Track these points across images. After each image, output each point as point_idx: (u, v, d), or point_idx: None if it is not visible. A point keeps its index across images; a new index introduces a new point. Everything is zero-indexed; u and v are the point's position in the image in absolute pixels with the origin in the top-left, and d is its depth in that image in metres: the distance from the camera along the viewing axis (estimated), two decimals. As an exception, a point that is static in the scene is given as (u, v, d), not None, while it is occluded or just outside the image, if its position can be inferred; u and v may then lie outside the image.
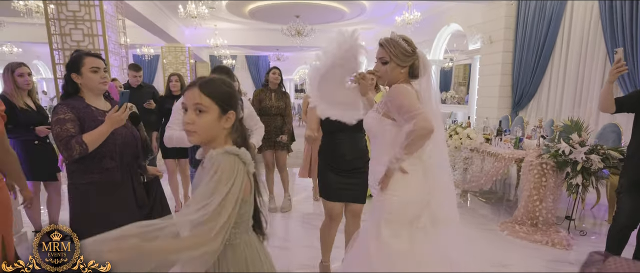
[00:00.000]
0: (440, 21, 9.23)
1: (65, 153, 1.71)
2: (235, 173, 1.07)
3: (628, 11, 4.90)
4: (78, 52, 1.89)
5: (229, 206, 1.03)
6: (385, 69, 1.69)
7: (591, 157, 3.14)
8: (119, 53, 6.26)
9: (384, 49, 1.69)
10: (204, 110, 1.12)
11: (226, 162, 1.08)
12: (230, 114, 1.17)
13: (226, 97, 1.16)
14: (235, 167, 1.08)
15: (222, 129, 1.17)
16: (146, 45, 12.80)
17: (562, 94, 6.22)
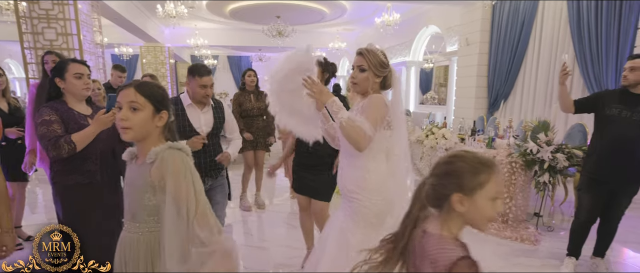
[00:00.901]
0: (419, 23, 9.39)
1: (54, 152, 1.77)
2: (186, 166, 1.15)
3: (593, 12, 5.11)
4: (64, 59, 2.00)
5: (201, 196, 1.14)
6: (363, 77, 1.76)
7: (557, 156, 3.27)
8: (95, 53, 6.14)
9: (364, 58, 1.75)
10: (138, 108, 1.18)
11: (174, 159, 1.15)
12: (163, 114, 1.24)
13: (160, 98, 1.23)
14: (185, 160, 1.17)
15: (155, 127, 1.23)
16: (124, 44, 12.57)
17: (534, 94, 6.42)
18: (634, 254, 3.23)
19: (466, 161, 1.00)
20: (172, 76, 12.48)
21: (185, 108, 2.35)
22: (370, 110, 1.69)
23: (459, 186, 0.99)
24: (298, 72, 1.79)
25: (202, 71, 2.30)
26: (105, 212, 1.88)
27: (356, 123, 1.61)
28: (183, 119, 2.32)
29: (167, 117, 1.26)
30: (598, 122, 2.64)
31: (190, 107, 2.36)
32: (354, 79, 1.79)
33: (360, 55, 1.77)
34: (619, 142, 2.48)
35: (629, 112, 2.47)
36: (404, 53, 10.42)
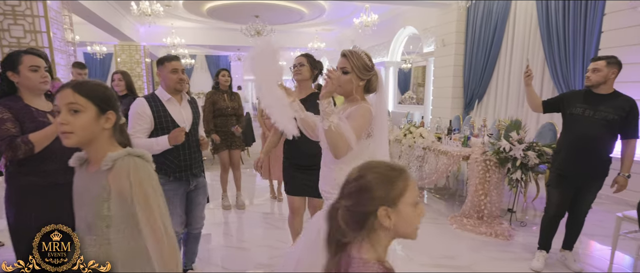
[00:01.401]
0: (396, 24, 9.53)
1: (10, 153, 1.66)
2: (151, 176, 1.09)
3: (561, 13, 5.31)
4: (16, 50, 1.84)
5: (164, 210, 1.10)
6: (345, 79, 1.73)
7: (528, 154, 3.39)
8: (66, 51, 5.93)
9: (347, 60, 1.73)
10: (79, 110, 1.08)
11: (137, 168, 1.08)
12: (110, 114, 1.14)
13: (103, 97, 1.13)
14: (149, 169, 1.10)
15: (102, 129, 1.13)
16: (98, 43, 12.20)
17: (507, 93, 6.62)
18: (600, 247, 3.38)
19: (378, 171, 0.93)
20: (148, 76, 12.18)
21: (165, 104, 2.23)
22: (356, 120, 1.68)
23: (381, 199, 0.90)
24: (265, 64, 1.77)
25: (169, 57, 2.25)
26: (68, 214, 1.78)
27: (343, 131, 1.60)
28: (165, 115, 2.21)
29: (114, 117, 1.15)
30: (564, 121, 2.75)
31: (169, 102, 2.24)
32: (337, 80, 1.74)
33: (343, 57, 1.74)
34: (582, 140, 2.59)
35: (591, 111, 2.58)
36: (382, 53, 10.54)
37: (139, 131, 2.17)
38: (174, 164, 2.23)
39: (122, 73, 3.41)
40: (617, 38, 4.58)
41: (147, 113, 2.16)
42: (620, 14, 4.51)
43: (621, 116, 2.53)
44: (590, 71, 2.57)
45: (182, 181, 2.30)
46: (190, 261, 2.64)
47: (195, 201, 2.43)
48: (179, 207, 2.31)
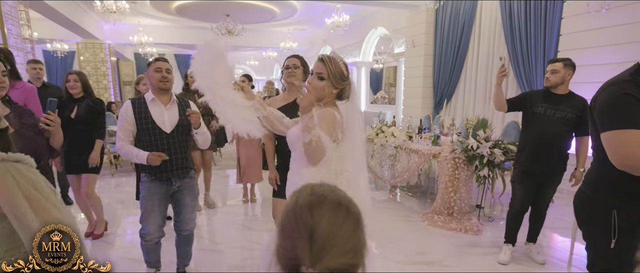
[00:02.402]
0: (368, 24, 9.64)
1: None
2: (24, 183, 0.96)
3: (523, 13, 5.55)
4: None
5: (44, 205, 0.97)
6: (321, 85, 1.68)
7: (494, 151, 3.52)
8: (23, 48, 5.62)
9: (325, 66, 1.68)
10: None
11: (23, 175, 0.96)
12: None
13: None
14: (27, 173, 0.98)
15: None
16: (59, 40, 11.61)
17: (474, 93, 6.85)
18: (562, 238, 3.55)
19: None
20: (114, 75, 11.71)
21: (148, 104, 2.26)
22: (321, 126, 1.62)
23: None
24: (211, 68, 1.69)
25: (155, 58, 2.33)
26: None
27: (323, 143, 1.57)
28: (145, 115, 2.24)
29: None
30: (526, 119, 2.87)
31: (153, 102, 2.27)
32: (310, 85, 1.69)
33: (321, 62, 1.69)
34: (545, 138, 2.72)
35: (552, 110, 2.72)
36: (354, 54, 10.64)
37: (123, 133, 2.25)
38: (156, 166, 2.23)
39: (79, 73, 3.21)
40: (574, 41, 4.83)
41: (129, 115, 2.23)
42: (577, 18, 4.77)
43: (577, 115, 2.69)
44: (549, 73, 2.71)
45: (163, 181, 2.30)
46: (183, 264, 2.62)
47: (182, 202, 2.40)
48: (157, 207, 2.30)
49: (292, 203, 0.72)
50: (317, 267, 0.64)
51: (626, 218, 1.47)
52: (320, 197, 0.70)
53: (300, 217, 0.68)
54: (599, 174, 1.57)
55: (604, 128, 1.43)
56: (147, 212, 2.29)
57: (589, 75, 4.61)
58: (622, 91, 1.40)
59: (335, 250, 0.65)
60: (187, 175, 2.38)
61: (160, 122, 2.26)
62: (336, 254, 0.65)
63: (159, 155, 2.16)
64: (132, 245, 3.33)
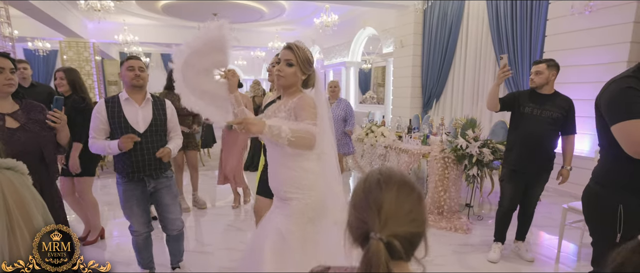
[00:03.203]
0: (356, 25, 9.66)
1: None
2: (24, 192, 0.93)
3: (510, 14, 5.62)
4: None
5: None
6: (290, 71, 1.74)
7: (483, 151, 3.55)
8: (3, 47, 5.46)
9: (293, 53, 1.74)
10: None
11: (7, 184, 0.91)
12: None
13: None
14: (22, 183, 0.94)
15: None
16: (41, 38, 11.31)
17: (462, 93, 6.92)
18: (549, 236, 3.61)
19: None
20: (99, 74, 11.48)
21: (122, 103, 2.25)
22: (305, 111, 1.70)
23: None
24: (208, 50, 1.70)
25: (128, 57, 2.30)
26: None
27: (301, 131, 1.60)
28: (118, 115, 2.22)
29: None
30: (514, 119, 2.90)
31: (126, 101, 2.26)
32: (280, 72, 1.76)
33: (289, 49, 1.75)
34: (532, 138, 2.76)
35: (539, 110, 2.76)
36: (343, 54, 10.65)
37: (95, 131, 2.22)
38: (126, 164, 2.23)
39: (65, 71, 3.06)
40: (559, 42, 4.92)
41: (102, 114, 2.21)
42: (562, 19, 4.85)
43: (562, 115, 2.75)
44: (533, 74, 2.75)
45: (138, 182, 2.28)
46: (176, 260, 2.64)
47: (162, 202, 2.39)
48: (136, 207, 2.31)
49: (362, 184, 0.82)
50: (384, 232, 0.73)
51: (632, 213, 1.53)
52: (387, 176, 0.80)
53: (371, 193, 0.78)
54: (605, 170, 1.65)
55: (613, 121, 1.52)
56: (128, 214, 2.32)
57: (574, 76, 4.71)
58: (625, 85, 1.51)
59: (402, 219, 0.75)
60: (161, 175, 2.35)
61: (133, 121, 2.24)
62: (402, 222, 0.75)
63: (129, 138, 2.14)
64: (119, 248, 3.26)
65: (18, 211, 0.87)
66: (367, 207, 0.77)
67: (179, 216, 2.50)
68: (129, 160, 2.21)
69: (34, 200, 0.92)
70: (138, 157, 2.23)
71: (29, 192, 0.92)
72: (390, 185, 0.79)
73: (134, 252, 2.46)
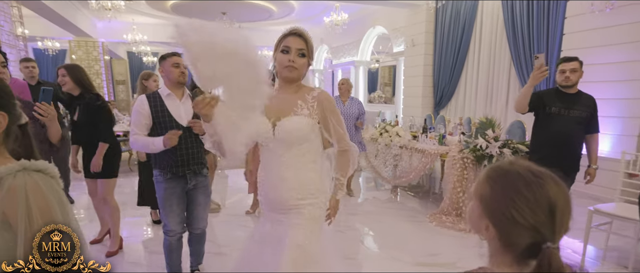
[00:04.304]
0: (366, 23, 9.59)
1: None
2: (51, 199, 0.86)
3: (526, 13, 5.53)
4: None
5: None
6: (302, 62, 1.56)
7: (504, 151, 3.48)
8: (15, 46, 5.46)
9: (306, 42, 1.58)
10: None
11: (40, 189, 0.85)
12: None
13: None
14: (47, 187, 0.87)
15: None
16: (50, 38, 11.36)
17: (476, 93, 6.83)
18: (569, 239, 3.52)
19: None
20: (108, 74, 11.51)
21: (164, 99, 2.24)
22: (335, 114, 1.63)
23: None
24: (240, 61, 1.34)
25: (170, 53, 2.29)
26: None
27: (353, 152, 1.64)
28: (162, 111, 2.21)
29: (5, 120, 0.91)
30: (539, 120, 2.82)
31: (169, 97, 2.25)
32: (293, 63, 1.55)
33: (301, 37, 1.56)
34: (562, 138, 2.69)
35: (566, 110, 2.70)
36: (352, 53, 10.59)
37: (138, 127, 2.19)
38: (172, 160, 2.20)
39: (68, 68, 2.79)
40: (578, 40, 4.82)
41: (145, 109, 2.19)
42: (581, 17, 4.76)
43: (590, 113, 2.69)
44: (568, 71, 2.66)
45: (180, 179, 2.26)
46: (196, 262, 2.60)
47: (195, 201, 2.37)
48: (176, 206, 2.29)
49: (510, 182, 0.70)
50: (557, 241, 0.66)
51: None
52: (537, 170, 0.71)
53: (533, 191, 0.68)
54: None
55: None
56: (166, 212, 2.28)
57: (594, 75, 4.60)
58: None
59: (568, 222, 0.68)
60: (201, 172, 2.35)
61: (177, 116, 2.24)
62: (567, 227, 0.69)
63: (174, 133, 2.11)
64: (130, 249, 3.22)
65: (41, 219, 0.82)
66: (534, 210, 0.66)
67: (206, 216, 2.50)
68: (175, 155, 2.21)
69: (60, 206, 0.87)
70: (183, 152, 2.22)
71: (56, 196, 0.87)
72: (547, 179, 0.69)
73: (164, 254, 2.42)
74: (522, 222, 0.68)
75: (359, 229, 3.84)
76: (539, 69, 2.57)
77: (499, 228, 0.72)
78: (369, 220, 4.02)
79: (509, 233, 0.70)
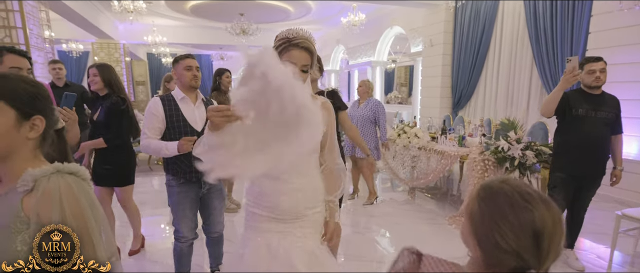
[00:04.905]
0: (384, 24, 9.53)
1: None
2: (81, 199, 0.87)
3: (549, 13, 5.40)
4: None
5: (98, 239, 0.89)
6: (304, 77, 1.38)
7: (526, 153, 3.40)
8: (43, 48, 5.63)
9: (311, 55, 1.40)
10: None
11: (73, 191, 0.86)
12: (37, 120, 0.90)
13: (27, 98, 0.89)
14: (81, 190, 0.88)
15: (25, 139, 0.89)
16: (74, 40, 11.70)
17: (496, 93, 6.70)
18: (596, 245, 3.42)
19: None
20: (128, 75, 11.79)
21: (178, 103, 2.20)
22: (333, 127, 1.60)
23: None
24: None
25: (183, 55, 2.24)
26: None
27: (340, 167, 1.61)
28: (177, 115, 2.18)
29: (43, 124, 0.92)
30: (565, 122, 2.73)
31: (183, 101, 2.21)
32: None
33: (307, 51, 1.38)
34: (590, 140, 2.62)
35: (593, 111, 2.63)
36: (369, 53, 10.54)
37: (151, 130, 2.14)
38: (185, 164, 2.17)
39: (99, 67, 2.71)
40: (604, 39, 4.68)
41: (159, 112, 2.15)
42: (607, 16, 4.61)
43: (615, 114, 2.65)
44: (598, 71, 2.58)
45: (193, 183, 2.24)
46: (215, 263, 2.61)
47: (211, 205, 2.36)
48: (188, 211, 2.25)
49: (495, 202, 0.68)
50: (543, 268, 0.64)
51: None
52: (529, 195, 0.67)
53: (516, 214, 0.65)
54: None
55: None
56: (179, 218, 2.24)
57: (621, 74, 4.47)
58: None
59: (557, 248, 0.65)
60: None
61: (192, 120, 2.21)
62: (557, 253, 0.65)
63: (188, 140, 2.07)
64: (151, 247, 3.28)
65: (75, 222, 0.84)
66: (518, 235, 0.64)
67: (222, 220, 2.49)
68: (188, 160, 2.14)
69: (92, 207, 0.89)
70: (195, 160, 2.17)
71: (88, 199, 0.89)
72: (536, 203, 0.65)
73: (174, 259, 2.38)
74: (505, 247, 0.66)
75: (377, 231, 3.82)
76: (571, 73, 2.47)
77: (483, 250, 0.70)
78: (387, 222, 4.00)
79: (492, 256, 0.69)
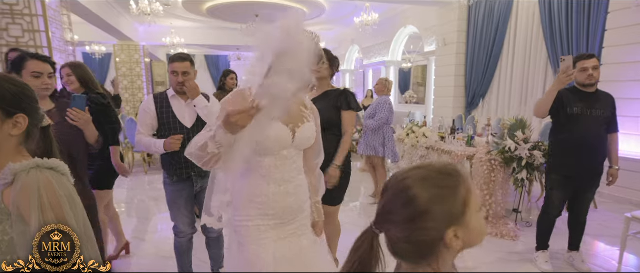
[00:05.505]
0: (397, 23, 9.49)
1: None
2: (57, 193, 0.90)
3: (564, 12, 5.28)
4: (22, 54, 1.85)
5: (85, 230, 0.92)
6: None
7: (534, 153, 3.35)
8: (65, 51, 5.87)
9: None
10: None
11: (52, 186, 0.90)
12: (20, 118, 0.95)
13: (10, 96, 0.94)
14: (58, 184, 0.91)
15: (8, 136, 0.95)
16: (97, 42, 12.12)
17: (510, 93, 6.58)
18: (606, 247, 3.34)
19: (432, 182, 0.72)
20: (148, 75, 12.12)
21: (170, 100, 2.25)
22: (319, 127, 1.66)
23: (447, 219, 0.72)
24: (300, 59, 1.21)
25: (173, 58, 2.20)
26: None
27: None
28: (167, 110, 2.23)
29: (25, 122, 0.96)
30: (560, 122, 2.66)
31: (174, 98, 2.26)
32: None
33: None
34: (587, 140, 2.56)
35: (588, 110, 2.56)
36: (383, 53, 10.51)
37: (143, 127, 2.21)
38: (176, 162, 2.21)
39: (72, 66, 2.52)
40: (621, 36, 4.54)
41: (151, 109, 2.21)
42: (624, 12, 4.48)
43: (611, 112, 2.60)
44: (591, 69, 2.51)
45: (186, 181, 2.27)
46: (216, 265, 2.59)
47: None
48: (184, 208, 2.30)
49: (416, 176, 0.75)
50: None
51: None
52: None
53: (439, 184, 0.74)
54: None
55: None
56: (175, 214, 2.31)
57: (638, 73, 4.33)
58: None
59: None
60: (208, 175, 2.26)
61: (181, 116, 2.23)
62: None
63: (176, 138, 2.10)
64: (164, 243, 3.38)
65: (53, 212, 0.87)
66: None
67: None
68: (178, 157, 2.17)
69: (70, 201, 0.92)
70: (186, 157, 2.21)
71: (66, 192, 0.93)
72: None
73: (176, 255, 2.43)
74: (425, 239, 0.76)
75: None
76: (565, 73, 2.43)
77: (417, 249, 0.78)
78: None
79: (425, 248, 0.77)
